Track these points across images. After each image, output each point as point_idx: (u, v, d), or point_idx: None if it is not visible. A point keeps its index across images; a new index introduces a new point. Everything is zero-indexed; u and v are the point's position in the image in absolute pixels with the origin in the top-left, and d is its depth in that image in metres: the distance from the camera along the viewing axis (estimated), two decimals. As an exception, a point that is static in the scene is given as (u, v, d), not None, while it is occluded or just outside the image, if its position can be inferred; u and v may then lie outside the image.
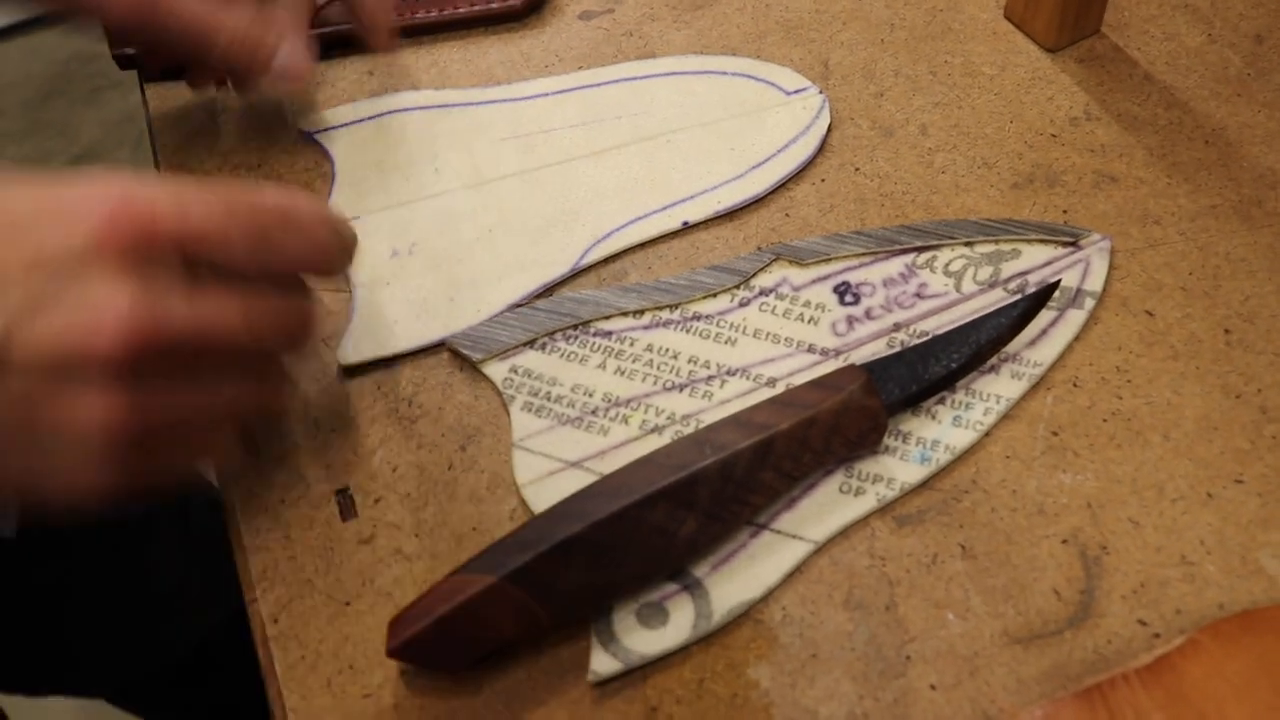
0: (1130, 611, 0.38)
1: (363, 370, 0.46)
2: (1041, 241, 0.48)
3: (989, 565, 0.40)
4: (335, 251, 0.38)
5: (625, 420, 0.43)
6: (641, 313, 0.46)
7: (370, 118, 0.55)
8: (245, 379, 0.36)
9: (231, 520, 0.43)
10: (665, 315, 0.46)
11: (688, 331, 0.46)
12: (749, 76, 0.56)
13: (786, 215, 0.50)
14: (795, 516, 0.40)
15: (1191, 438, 0.42)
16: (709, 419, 0.42)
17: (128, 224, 0.31)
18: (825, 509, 0.41)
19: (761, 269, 0.47)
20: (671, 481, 0.37)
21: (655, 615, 0.38)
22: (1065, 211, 0.49)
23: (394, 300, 0.47)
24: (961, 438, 0.42)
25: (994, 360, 0.44)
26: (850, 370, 0.41)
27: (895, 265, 0.47)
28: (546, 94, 0.55)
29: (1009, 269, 0.47)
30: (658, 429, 0.43)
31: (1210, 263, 0.47)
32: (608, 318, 0.46)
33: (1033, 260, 0.47)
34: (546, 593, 0.36)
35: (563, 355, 0.45)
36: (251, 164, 0.54)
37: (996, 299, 0.46)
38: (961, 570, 0.40)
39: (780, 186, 0.51)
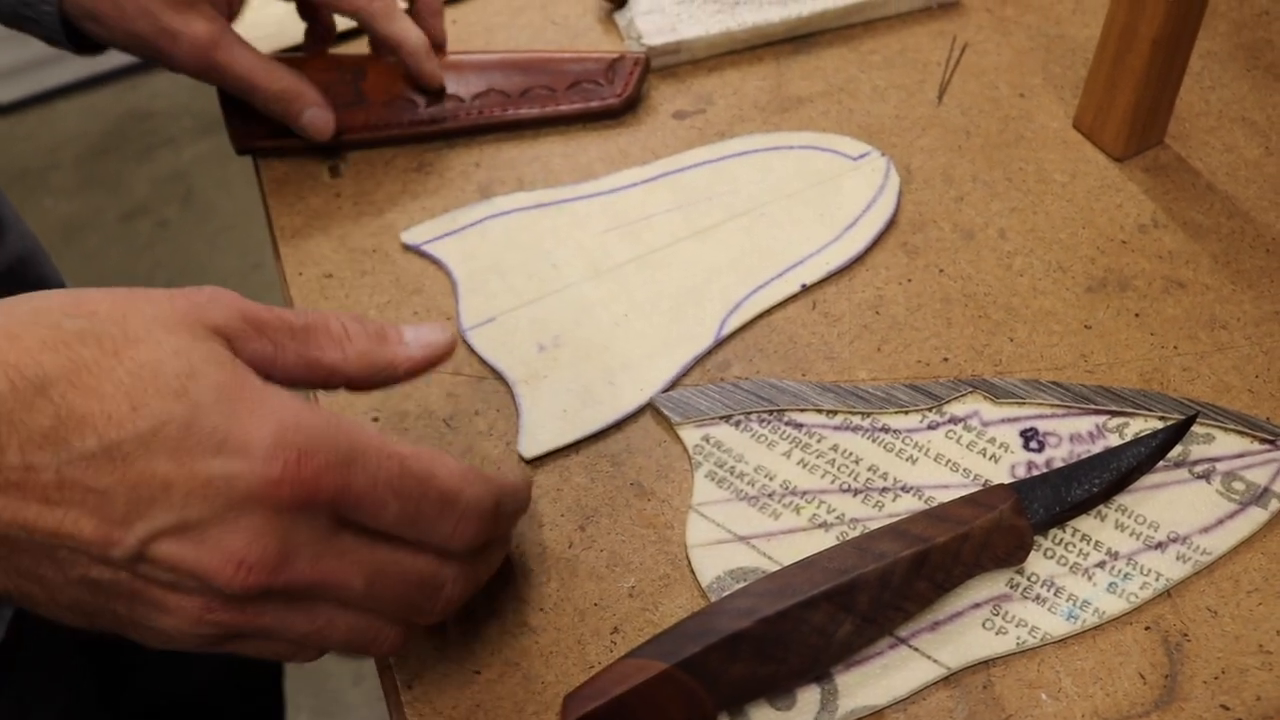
0: (1212, 697, 0.41)
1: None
2: (1239, 433, 0.48)
3: (1077, 649, 0.43)
4: (479, 544, 0.39)
5: (798, 510, 0.47)
6: (835, 413, 0.49)
7: (471, 225, 0.58)
8: (352, 618, 0.37)
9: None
10: (856, 420, 0.49)
11: (874, 441, 0.49)
12: (814, 148, 0.61)
13: (877, 313, 0.53)
14: (936, 639, 0.43)
15: (1263, 531, 0.46)
16: (875, 528, 0.44)
17: (293, 485, 0.33)
18: (965, 640, 0.43)
19: (957, 397, 0.50)
20: (834, 585, 0.40)
21: (783, 697, 0.41)
22: (1137, 315, 0.53)
23: (556, 392, 0.51)
24: (1113, 605, 0.44)
25: (1164, 539, 0.45)
26: (1000, 490, 0.44)
27: (1085, 423, 0.49)
28: (635, 184, 0.59)
29: (1198, 452, 0.48)
30: (825, 525, 0.46)
31: (1275, 367, 0.51)
32: (802, 410, 0.49)
33: (1225, 449, 0.48)
34: (714, 683, 0.39)
35: (754, 436, 0.49)
36: (366, 248, 0.58)
37: (1179, 478, 0.47)
38: (1052, 653, 0.43)
39: (866, 271, 0.54)
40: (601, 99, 0.63)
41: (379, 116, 0.62)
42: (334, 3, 0.60)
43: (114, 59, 2.05)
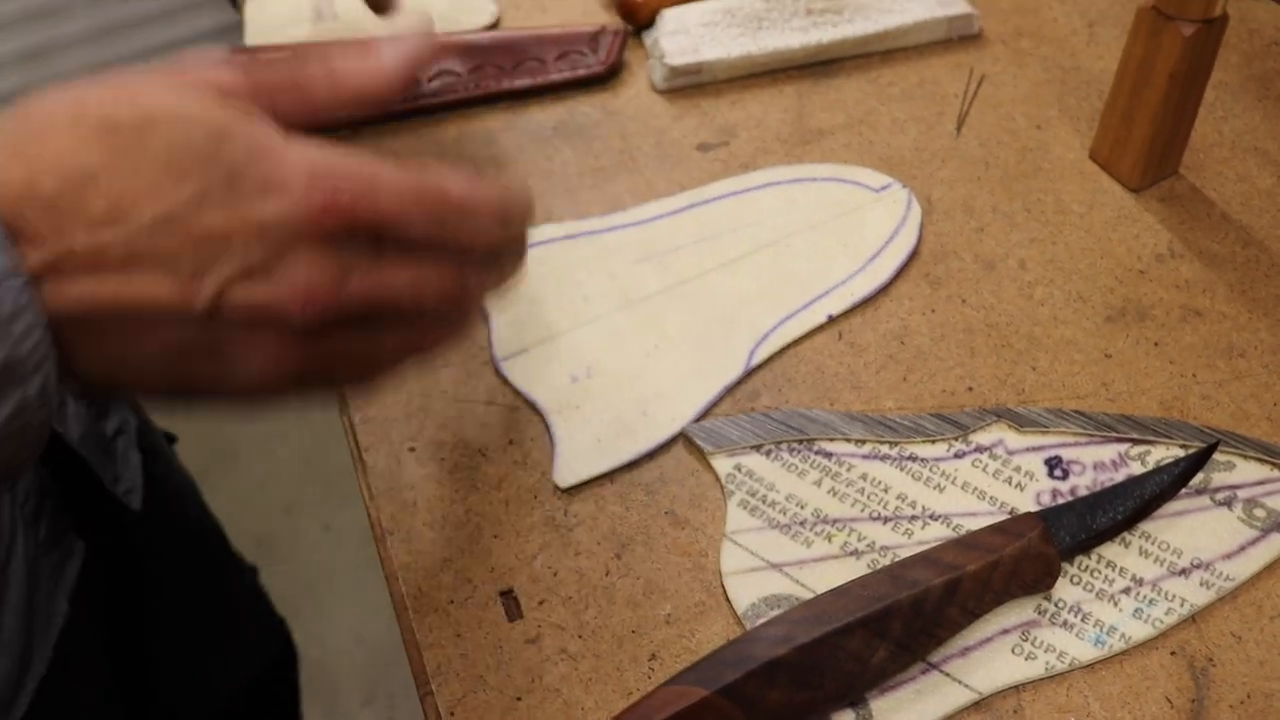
0: (1239, 721, 0.42)
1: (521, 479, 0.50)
2: (1259, 460, 0.49)
3: (1105, 674, 0.44)
4: (499, 241, 0.43)
5: (829, 538, 0.48)
6: (863, 442, 0.50)
7: None
8: (407, 331, 0.41)
9: (403, 619, 0.47)
10: (884, 450, 0.50)
11: (901, 469, 0.50)
12: (837, 180, 0.62)
13: (902, 343, 0.54)
14: (966, 664, 0.44)
15: (1285, 559, 0.47)
16: (905, 555, 0.45)
17: (335, 213, 0.37)
18: (996, 665, 0.44)
19: (982, 427, 0.51)
20: (869, 612, 0.41)
21: (821, 721, 0.42)
22: (1156, 344, 0.54)
23: (590, 421, 0.52)
24: (1139, 630, 0.44)
25: (1187, 565, 0.46)
26: (1028, 518, 0.45)
27: (1108, 451, 0.50)
28: (662, 215, 0.61)
29: (1219, 479, 0.49)
30: (856, 553, 0.47)
31: (1293, 394, 0.52)
32: (831, 440, 0.51)
33: (1245, 476, 0.49)
34: (753, 709, 0.40)
35: (784, 465, 0.50)
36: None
37: (1200, 505, 0.48)
38: (1081, 678, 0.44)
39: (891, 302, 0.56)
40: (588, 67, 0.68)
41: None
42: None
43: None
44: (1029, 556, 0.44)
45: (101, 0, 1.97)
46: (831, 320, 0.55)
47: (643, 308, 0.56)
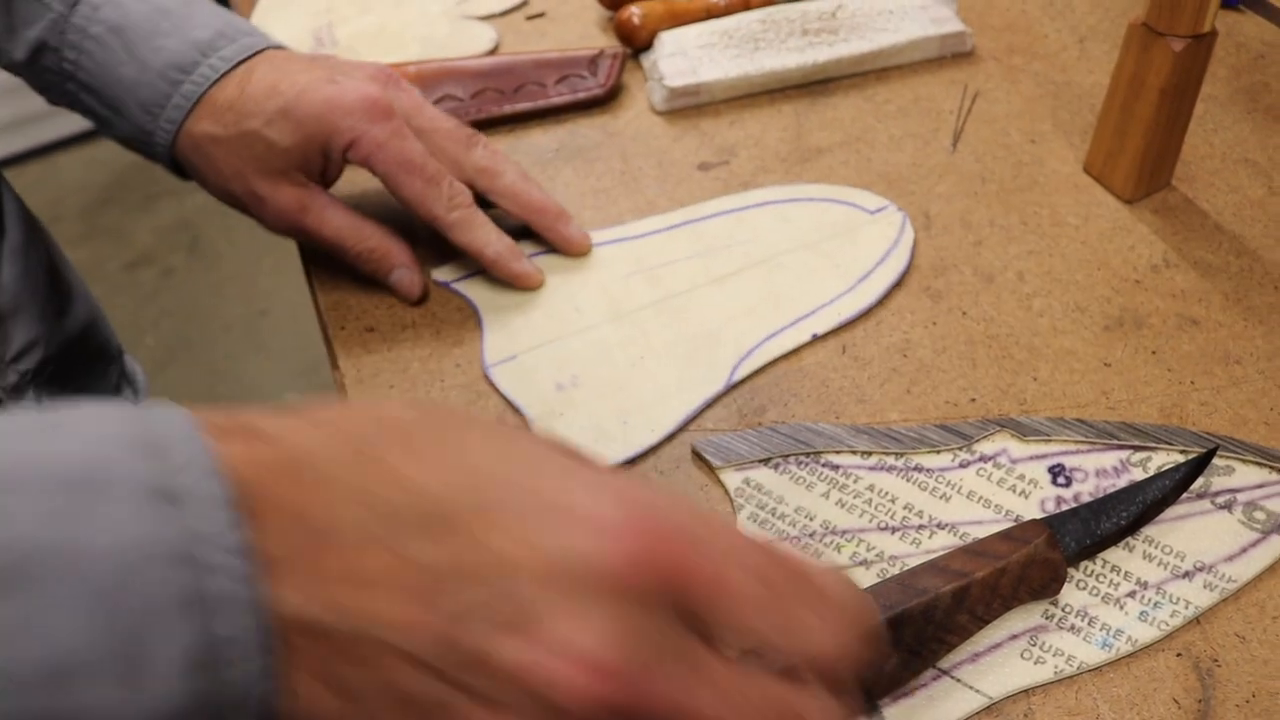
0: None
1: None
2: (1258, 464, 0.50)
3: (1113, 676, 0.45)
4: (850, 650, 0.31)
5: (838, 549, 0.48)
6: (869, 454, 0.51)
7: None
8: None
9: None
10: (890, 461, 0.51)
11: (908, 480, 0.51)
12: (832, 200, 0.63)
13: (904, 356, 0.55)
14: (976, 670, 0.45)
15: (1286, 560, 0.48)
16: (913, 564, 0.46)
17: (652, 571, 0.27)
18: (1005, 670, 0.45)
19: (985, 436, 0.52)
20: (881, 621, 0.42)
21: (835, 726, 0.43)
22: (1154, 352, 0.55)
23: (571, 429, 0.53)
24: (1145, 633, 0.45)
25: (1190, 568, 0.47)
26: (1034, 525, 0.46)
27: (1110, 458, 0.51)
28: (658, 230, 0.62)
29: (1219, 484, 0.50)
30: (866, 563, 0.48)
31: (1289, 399, 0.53)
32: (838, 452, 0.51)
33: (1245, 480, 0.50)
34: None
35: (792, 478, 0.51)
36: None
37: (1202, 509, 0.49)
38: (1089, 680, 0.45)
39: (892, 315, 0.56)
40: (588, 90, 0.69)
41: None
42: (412, 209, 0.58)
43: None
44: (1036, 562, 0.45)
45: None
46: (816, 339, 0.56)
47: (631, 320, 0.57)
